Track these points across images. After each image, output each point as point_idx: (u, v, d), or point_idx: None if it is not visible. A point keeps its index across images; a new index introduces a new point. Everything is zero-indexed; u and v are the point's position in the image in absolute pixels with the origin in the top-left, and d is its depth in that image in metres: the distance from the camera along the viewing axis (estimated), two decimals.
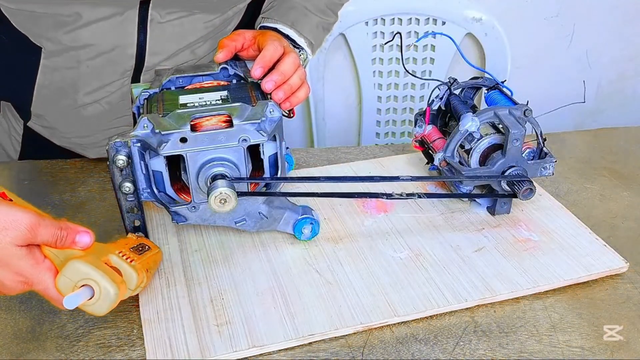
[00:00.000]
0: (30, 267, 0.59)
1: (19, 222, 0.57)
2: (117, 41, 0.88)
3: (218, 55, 0.82)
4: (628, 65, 1.83)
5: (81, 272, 0.58)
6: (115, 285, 0.60)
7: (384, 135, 1.71)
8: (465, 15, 1.54)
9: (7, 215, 0.57)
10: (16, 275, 0.59)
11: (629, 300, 0.73)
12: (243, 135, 0.70)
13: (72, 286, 0.59)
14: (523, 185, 0.79)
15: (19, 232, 0.57)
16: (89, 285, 0.59)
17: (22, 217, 0.57)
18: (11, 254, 0.57)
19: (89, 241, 0.61)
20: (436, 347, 0.66)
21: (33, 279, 0.59)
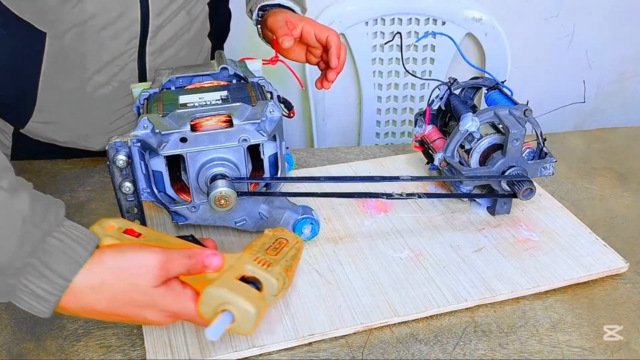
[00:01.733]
0: (173, 302, 0.59)
1: (150, 264, 0.57)
2: (121, 6, 0.89)
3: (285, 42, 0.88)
4: (628, 65, 1.83)
5: (217, 298, 0.57)
6: (253, 304, 0.57)
7: (384, 135, 1.71)
8: (465, 15, 1.54)
9: (137, 260, 0.57)
10: (163, 312, 0.59)
11: (629, 300, 0.73)
12: (243, 135, 0.70)
13: (212, 312, 0.57)
14: (523, 185, 0.79)
15: (153, 274, 0.57)
16: (227, 310, 0.57)
17: (151, 259, 0.57)
18: (152, 295, 0.58)
19: (219, 262, 0.60)
20: (436, 347, 0.66)
21: (179, 312, 0.59)
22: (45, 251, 0.54)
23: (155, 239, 0.62)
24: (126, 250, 0.57)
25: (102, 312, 0.57)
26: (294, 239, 0.68)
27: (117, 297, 0.57)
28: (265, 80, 0.82)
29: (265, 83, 0.82)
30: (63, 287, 0.54)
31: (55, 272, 0.54)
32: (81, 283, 0.55)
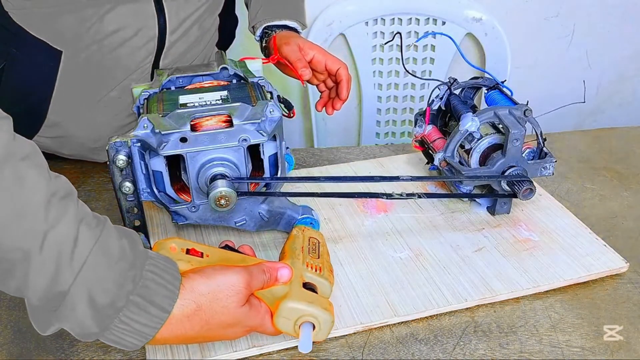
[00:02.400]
0: (255, 318, 0.60)
1: (238, 285, 0.58)
2: (139, 23, 0.89)
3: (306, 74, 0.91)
4: (628, 65, 1.83)
5: (297, 312, 0.60)
6: (329, 311, 0.61)
7: (384, 135, 1.71)
8: (465, 15, 1.54)
9: (226, 283, 0.58)
10: (243, 329, 0.61)
11: (629, 300, 0.73)
12: (243, 135, 0.70)
13: (292, 325, 0.61)
14: (523, 185, 0.79)
15: (242, 294, 0.58)
16: (307, 321, 0.61)
17: (238, 279, 0.58)
18: (239, 315, 0.59)
19: (289, 275, 0.63)
20: (436, 347, 0.66)
21: (257, 327, 0.61)
22: (144, 286, 0.54)
23: (218, 257, 0.63)
24: (213, 274, 0.58)
25: (191, 337, 0.58)
26: (320, 237, 0.72)
27: (209, 322, 0.57)
28: (265, 80, 0.82)
29: (265, 83, 0.82)
30: (162, 319, 0.54)
31: (156, 306, 0.54)
32: (179, 312, 0.55)
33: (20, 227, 0.49)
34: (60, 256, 0.50)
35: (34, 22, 0.87)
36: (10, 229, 0.48)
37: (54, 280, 0.50)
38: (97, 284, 0.51)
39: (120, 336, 0.53)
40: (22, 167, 0.50)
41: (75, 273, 0.50)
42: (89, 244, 0.51)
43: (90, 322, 0.52)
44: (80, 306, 0.51)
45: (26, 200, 0.49)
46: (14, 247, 0.49)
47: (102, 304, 0.52)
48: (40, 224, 0.49)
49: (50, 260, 0.50)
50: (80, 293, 0.51)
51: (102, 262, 0.52)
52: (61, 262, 0.50)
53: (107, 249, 0.53)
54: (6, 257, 0.49)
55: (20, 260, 0.49)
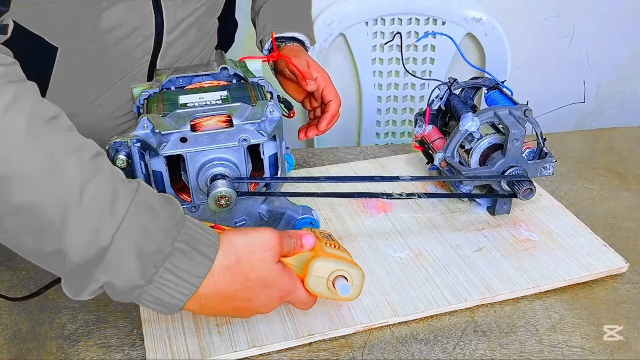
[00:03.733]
0: (288, 279, 0.61)
1: (272, 241, 0.59)
2: (136, 21, 0.88)
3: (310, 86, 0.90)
4: (628, 65, 1.83)
5: (329, 268, 0.61)
6: (359, 268, 0.63)
7: (384, 135, 1.71)
8: (465, 15, 1.54)
9: (261, 238, 0.59)
10: (278, 292, 0.61)
11: (629, 300, 0.73)
12: (243, 135, 0.70)
13: (324, 283, 0.61)
14: (523, 185, 0.79)
15: (275, 250, 0.59)
16: (341, 276, 0.62)
17: (271, 235, 0.59)
18: (275, 272, 0.59)
19: (313, 241, 0.63)
20: (436, 347, 0.66)
21: (290, 290, 0.61)
22: (188, 234, 0.54)
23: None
24: (247, 230, 0.59)
25: (230, 298, 0.57)
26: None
27: (249, 277, 0.57)
28: (265, 81, 0.82)
29: (265, 83, 0.82)
30: (207, 267, 0.55)
31: (201, 253, 0.54)
32: (220, 263, 0.56)
33: (57, 181, 0.49)
34: (100, 207, 0.50)
35: (30, 17, 0.86)
36: (47, 184, 0.48)
37: (96, 231, 0.50)
38: (142, 231, 0.52)
39: (164, 289, 0.53)
40: (52, 126, 0.50)
41: (118, 222, 0.50)
42: (128, 194, 0.52)
43: (136, 272, 0.52)
44: (127, 254, 0.51)
45: (60, 156, 0.49)
46: (52, 203, 0.48)
47: (148, 251, 0.52)
48: (77, 177, 0.50)
49: (91, 212, 0.50)
50: (126, 241, 0.51)
51: (144, 210, 0.52)
52: (102, 213, 0.50)
53: (146, 199, 0.53)
54: (45, 214, 0.49)
55: (60, 216, 0.49)
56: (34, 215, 0.49)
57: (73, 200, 0.49)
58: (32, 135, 0.49)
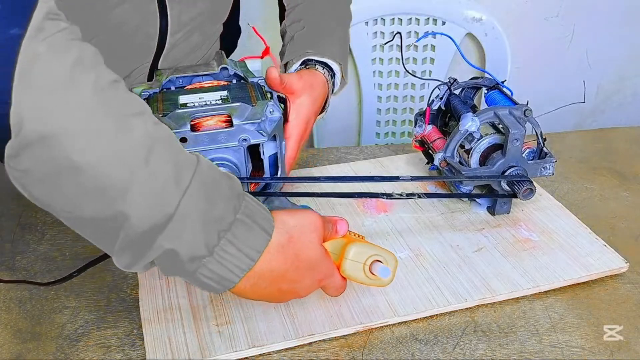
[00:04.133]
0: (329, 263, 0.62)
1: (316, 221, 0.60)
2: (140, 19, 0.88)
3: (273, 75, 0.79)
4: (628, 65, 1.83)
5: (365, 253, 0.63)
6: (392, 253, 0.65)
7: (384, 135, 1.71)
8: (465, 15, 1.54)
9: (308, 219, 0.59)
10: (319, 274, 0.61)
11: (629, 300, 0.73)
12: (243, 135, 0.70)
13: (361, 268, 0.63)
14: (523, 185, 0.79)
15: (319, 230, 0.60)
16: (377, 260, 0.63)
17: (316, 216, 0.60)
18: (320, 254, 0.60)
19: (347, 226, 0.64)
20: (436, 347, 0.66)
21: (328, 274, 0.62)
22: (247, 206, 0.55)
23: None
24: (294, 211, 0.60)
25: (279, 277, 0.57)
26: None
27: (299, 256, 0.58)
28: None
29: (265, 83, 0.82)
30: (266, 241, 0.55)
31: (260, 226, 0.55)
32: (275, 240, 0.56)
33: (124, 141, 0.48)
34: (165, 172, 0.50)
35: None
36: (114, 143, 0.48)
37: (161, 196, 0.49)
38: (206, 199, 0.51)
39: (223, 262, 0.53)
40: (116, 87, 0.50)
41: (183, 188, 0.50)
42: (191, 161, 0.52)
43: (200, 240, 0.51)
44: (191, 221, 0.51)
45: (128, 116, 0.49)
46: (118, 163, 0.48)
47: (212, 218, 0.52)
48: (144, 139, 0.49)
49: (156, 176, 0.49)
50: (191, 208, 0.50)
51: (206, 179, 0.52)
52: (167, 178, 0.50)
53: (208, 169, 0.54)
54: (109, 175, 0.48)
55: (125, 177, 0.48)
56: (98, 175, 0.47)
57: (139, 162, 0.49)
58: (99, 93, 0.48)
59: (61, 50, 0.47)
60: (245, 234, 0.54)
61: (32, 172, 0.48)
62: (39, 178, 0.48)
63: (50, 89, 0.46)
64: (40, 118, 0.46)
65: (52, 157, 0.46)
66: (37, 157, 0.47)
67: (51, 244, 0.82)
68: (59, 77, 0.46)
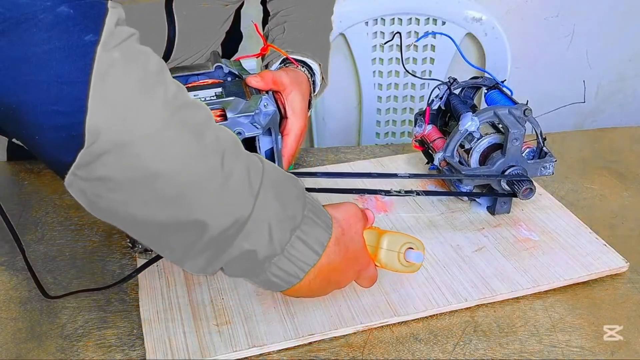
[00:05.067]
0: (367, 254, 0.63)
1: (358, 212, 0.62)
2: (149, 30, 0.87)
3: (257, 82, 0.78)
4: (628, 65, 1.83)
5: (399, 241, 0.65)
6: (419, 240, 0.66)
7: (384, 135, 1.71)
8: (465, 15, 1.54)
9: (349, 210, 0.61)
10: (359, 265, 0.63)
11: (629, 300, 0.73)
12: (237, 129, 0.70)
13: (396, 256, 0.64)
14: (523, 185, 0.79)
15: (362, 222, 0.62)
16: (409, 248, 0.65)
17: (356, 208, 0.62)
18: (362, 245, 0.62)
19: (374, 216, 0.66)
20: (436, 347, 0.66)
21: (366, 265, 0.63)
22: (311, 203, 0.57)
23: None
24: (339, 205, 0.61)
25: (337, 269, 0.59)
26: None
27: (349, 248, 0.60)
28: None
29: None
30: (329, 235, 0.57)
31: (323, 222, 0.57)
32: (333, 234, 0.58)
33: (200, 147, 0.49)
34: (239, 175, 0.51)
35: None
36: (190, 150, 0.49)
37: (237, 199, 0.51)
38: (277, 199, 0.53)
39: (292, 259, 0.55)
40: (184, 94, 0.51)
41: (256, 189, 0.52)
42: (257, 163, 0.54)
43: (275, 239, 0.53)
44: (267, 221, 0.53)
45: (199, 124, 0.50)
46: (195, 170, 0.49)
47: (285, 217, 0.53)
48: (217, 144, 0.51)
49: (231, 179, 0.50)
50: (265, 209, 0.52)
51: (275, 179, 0.54)
52: (242, 181, 0.51)
53: (273, 169, 0.55)
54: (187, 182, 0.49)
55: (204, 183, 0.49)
56: (175, 181, 0.48)
57: (215, 166, 0.50)
58: (172, 100, 0.49)
59: (134, 57, 0.47)
60: (311, 230, 0.56)
61: (105, 181, 0.47)
62: (112, 187, 0.48)
63: (126, 97, 0.46)
64: (116, 127, 0.45)
65: (129, 165, 0.47)
66: (113, 165, 0.47)
67: (51, 244, 0.82)
68: (134, 84, 0.46)
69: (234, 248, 0.52)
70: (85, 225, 0.85)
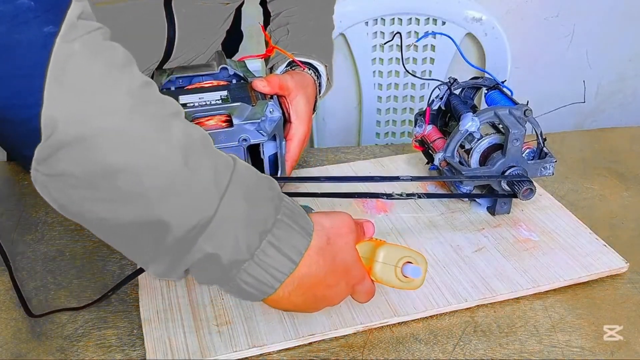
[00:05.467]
0: (361, 267, 0.58)
1: (350, 222, 0.57)
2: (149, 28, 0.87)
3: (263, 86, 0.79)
4: (628, 65, 1.83)
5: (396, 254, 0.61)
6: (422, 255, 0.62)
7: (384, 135, 1.71)
8: (465, 15, 1.54)
9: (341, 219, 0.57)
10: (352, 279, 0.58)
11: (629, 300, 0.73)
12: (243, 135, 0.70)
13: (392, 270, 0.60)
14: (523, 185, 0.79)
15: (354, 233, 0.57)
16: (407, 262, 0.61)
17: (349, 217, 0.57)
18: (355, 257, 0.57)
19: (374, 228, 0.62)
20: (436, 347, 0.66)
21: (360, 279, 0.59)
22: (286, 207, 0.53)
23: None
24: (328, 213, 0.58)
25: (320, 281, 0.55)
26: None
27: (335, 259, 0.55)
28: None
29: None
30: (307, 242, 0.53)
31: (300, 227, 0.53)
32: (314, 243, 0.54)
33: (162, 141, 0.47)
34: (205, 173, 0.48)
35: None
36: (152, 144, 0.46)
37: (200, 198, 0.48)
38: (246, 200, 0.50)
39: (264, 266, 0.51)
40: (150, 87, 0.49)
41: (223, 189, 0.49)
42: (228, 161, 0.51)
43: (242, 242, 0.49)
44: (232, 222, 0.49)
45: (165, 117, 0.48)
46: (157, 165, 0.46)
47: (254, 219, 0.50)
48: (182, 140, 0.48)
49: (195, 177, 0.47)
50: (232, 209, 0.49)
51: (245, 179, 0.51)
52: (207, 180, 0.48)
53: (245, 169, 0.52)
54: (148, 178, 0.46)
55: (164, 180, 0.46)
56: (136, 177, 0.46)
57: (179, 163, 0.47)
58: (135, 94, 0.46)
59: (96, 50, 0.46)
60: (286, 235, 0.52)
61: (66, 177, 0.46)
62: (73, 183, 0.46)
63: (85, 89, 0.44)
64: (75, 119, 0.44)
65: (88, 160, 0.45)
66: (71, 160, 0.45)
67: (51, 244, 0.82)
68: (94, 77, 0.45)
69: (196, 251, 0.49)
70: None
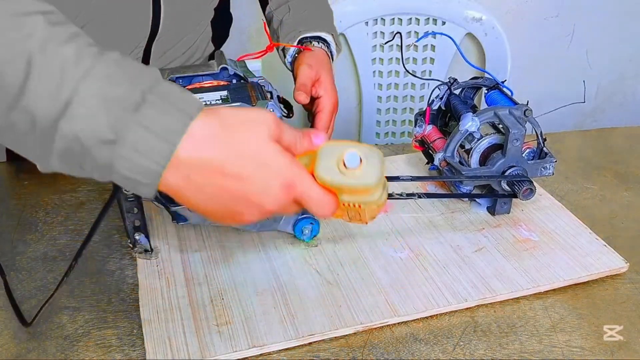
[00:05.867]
0: (289, 163, 0.52)
1: (267, 118, 0.52)
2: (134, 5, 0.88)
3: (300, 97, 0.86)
4: (628, 65, 1.83)
5: (338, 148, 0.53)
6: (376, 149, 0.53)
7: (384, 135, 1.71)
8: (465, 15, 1.54)
9: (254, 113, 0.53)
10: (277, 175, 0.52)
11: (629, 300, 0.73)
12: None
13: (335, 166, 0.52)
14: (523, 185, 0.79)
15: (270, 126, 0.52)
16: (352, 151, 0.52)
17: (267, 114, 0.53)
18: (270, 150, 0.52)
19: (325, 138, 0.56)
20: (436, 347, 0.66)
21: (293, 177, 0.52)
22: (162, 91, 0.49)
23: None
24: (238, 107, 0.58)
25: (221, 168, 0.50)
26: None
27: (238, 147, 0.51)
28: (265, 80, 0.82)
29: (265, 83, 0.82)
30: (184, 122, 0.49)
31: (178, 109, 0.49)
32: (200, 123, 0.49)
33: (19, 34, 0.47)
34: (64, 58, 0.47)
35: None
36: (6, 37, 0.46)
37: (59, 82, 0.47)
38: (108, 79, 0.48)
39: (138, 148, 0.48)
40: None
41: (82, 70, 0.47)
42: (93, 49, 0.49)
43: (102, 120, 0.47)
44: (90, 100, 0.47)
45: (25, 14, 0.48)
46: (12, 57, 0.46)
47: (113, 96, 0.47)
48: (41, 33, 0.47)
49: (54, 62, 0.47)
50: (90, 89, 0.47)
51: (111, 63, 0.49)
52: (66, 63, 0.47)
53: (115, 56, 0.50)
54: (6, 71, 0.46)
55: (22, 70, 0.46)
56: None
57: (36, 51, 0.46)
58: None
59: None
60: (157, 116, 0.48)
61: None
62: None
63: None
64: None
65: None
66: None
67: (51, 244, 0.82)
68: None
69: (60, 135, 0.47)
70: (85, 225, 0.85)
